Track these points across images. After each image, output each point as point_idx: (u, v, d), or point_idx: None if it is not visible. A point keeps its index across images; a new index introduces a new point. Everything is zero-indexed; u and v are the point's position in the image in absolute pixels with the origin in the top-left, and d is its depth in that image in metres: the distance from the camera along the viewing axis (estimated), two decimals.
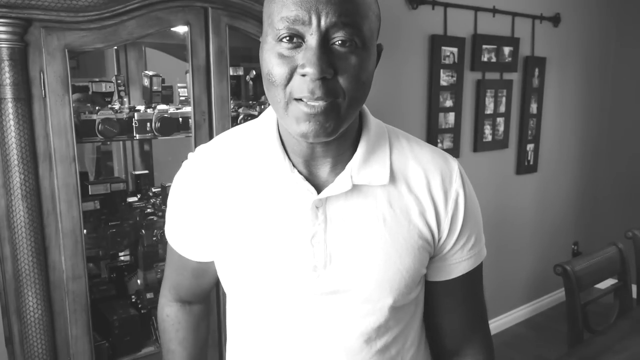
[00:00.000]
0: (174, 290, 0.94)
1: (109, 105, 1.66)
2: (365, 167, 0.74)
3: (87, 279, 1.44)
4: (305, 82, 0.62)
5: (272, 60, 0.64)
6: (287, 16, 0.62)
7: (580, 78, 3.51)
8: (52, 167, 1.35)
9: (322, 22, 0.61)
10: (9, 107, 1.26)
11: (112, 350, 1.57)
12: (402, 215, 0.75)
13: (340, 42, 0.62)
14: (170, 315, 0.95)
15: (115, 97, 1.74)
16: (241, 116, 1.84)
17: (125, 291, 1.80)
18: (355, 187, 0.73)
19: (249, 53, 2.24)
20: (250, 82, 2.03)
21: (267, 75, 0.65)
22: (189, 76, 1.56)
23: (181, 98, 1.89)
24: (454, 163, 0.80)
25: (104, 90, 1.67)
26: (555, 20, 3.22)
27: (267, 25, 0.66)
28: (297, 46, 0.63)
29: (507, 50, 2.98)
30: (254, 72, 2.01)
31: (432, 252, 0.79)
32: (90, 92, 1.65)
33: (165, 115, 1.64)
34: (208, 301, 1.00)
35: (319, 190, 0.73)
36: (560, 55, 3.33)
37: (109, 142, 1.91)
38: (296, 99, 0.63)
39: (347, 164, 0.74)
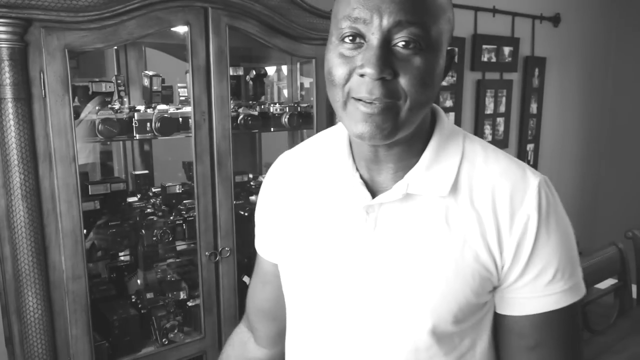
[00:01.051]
0: (249, 308, 0.96)
1: (109, 105, 1.66)
2: (426, 176, 0.69)
3: (87, 279, 1.44)
4: (364, 82, 0.61)
5: (334, 60, 0.64)
6: (350, 15, 0.61)
7: (580, 78, 3.51)
8: (52, 167, 1.35)
9: (384, 22, 0.59)
10: (9, 107, 1.26)
11: (112, 350, 1.57)
12: (457, 233, 0.68)
13: (403, 43, 0.60)
14: (235, 333, 1.00)
15: (115, 97, 1.74)
16: (241, 116, 1.84)
17: (125, 291, 1.80)
18: (411, 196, 0.70)
19: (249, 53, 2.24)
20: (250, 82, 2.03)
21: (327, 75, 0.65)
22: (189, 76, 1.56)
23: (181, 98, 1.89)
24: (534, 180, 0.69)
25: (104, 90, 1.66)
26: (555, 20, 3.22)
27: (332, 25, 0.66)
28: (359, 46, 0.62)
29: (507, 50, 2.98)
30: (254, 72, 2.01)
31: (496, 280, 0.70)
32: (90, 92, 1.65)
33: (165, 115, 1.64)
34: (272, 349, 0.95)
35: (376, 195, 0.72)
36: (560, 55, 3.33)
37: (109, 142, 1.91)
38: (354, 98, 0.62)
39: (409, 171, 0.70)
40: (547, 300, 0.69)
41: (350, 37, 0.62)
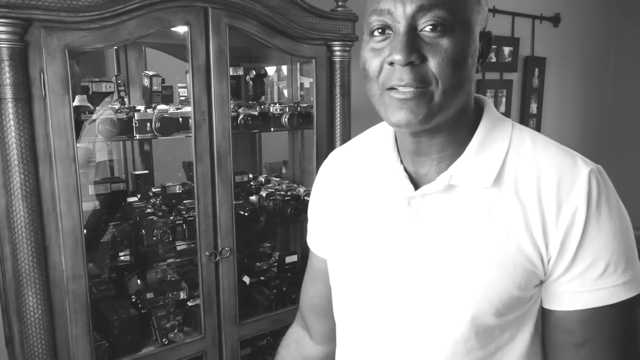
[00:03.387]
0: (302, 305, 0.98)
1: (109, 105, 1.66)
2: (470, 166, 0.69)
3: (87, 279, 1.44)
4: (394, 70, 0.62)
5: (366, 55, 0.66)
6: (376, 9, 0.63)
7: (580, 78, 3.51)
8: (52, 167, 1.35)
9: (408, 9, 0.61)
10: (9, 107, 1.26)
11: (112, 350, 1.57)
12: (500, 225, 0.67)
13: (430, 26, 0.61)
14: (289, 334, 1.01)
15: (115, 97, 1.74)
16: (241, 116, 1.84)
17: (125, 291, 1.80)
18: (454, 187, 0.70)
19: (249, 53, 2.24)
20: (250, 82, 2.03)
21: (362, 70, 0.67)
22: (189, 76, 1.56)
23: (181, 98, 1.88)
24: (584, 169, 0.66)
25: (104, 90, 1.66)
26: (555, 20, 3.22)
27: (364, 22, 0.68)
28: (388, 37, 0.64)
29: (507, 50, 2.98)
30: (254, 72, 2.01)
31: (542, 274, 0.68)
32: (90, 92, 1.65)
33: (165, 115, 1.64)
34: (328, 346, 0.96)
35: (419, 187, 0.73)
36: (560, 55, 3.33)
37: (109, 142, 1.91)
38: (388, 89, 0.64)
39: (453, 162, 0.71)
40: (597, 295, 0.66)
41: (379, 30, 0.64)
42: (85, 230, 1.43)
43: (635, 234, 0.72)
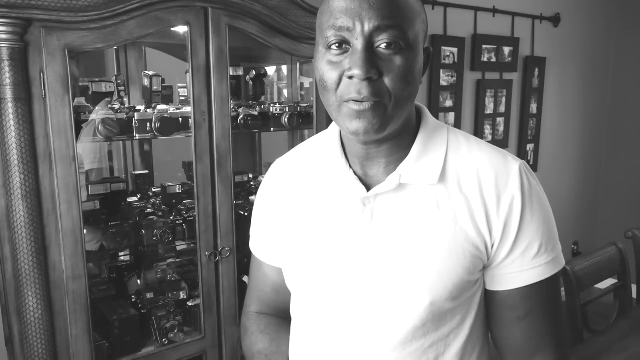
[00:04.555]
0: (256, 303, 0.98)
1: (109, 105, 1.66)
2: (416, 167, 0.76)
3: (87, 279, 1.44)
4: (352, 84, 0.67)
5: (324, 67, 0.70)
6: (334, 24, 0.68)
7: (580, 78, 3.51)
8: (52, 167, 1.35)
9: (366, 27, 0.66)
10: (9, 107, 1.26)
11: (112, 350, 1.57)
12: (448, 217, 0.74)
13: (385, 44, 0.67)
14: (249, 324, 0.97)
15: (115, 97, 1.74)
16: (241, 116, 1.84)
17: (125, 291, 1.80)
18: (404, 186, 0.76)
19: (249, 53, 2.24)
20: (250, 82, 2.03)
21: (320, 81, 0.71)
22: (189, 76, 1.56)
23: (181, 98, 1.89)
24: (514, 164, 0.76)
25: (104, 90, 1.66)
26: (555, 20, 3.22)
27: (318, 35, 0.72)
28: (345, 52, 0.68)
29: (507, 50, 2.98)
30: (254, 72, 2.01)
31: (485, 259, 0.76)
32: (90, 92, 1.65)
33: (165, 115, 1.64)
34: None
35: (370, 188, 0.78)
36: (560, 55, 3.33)
37: (109, 142, 1.91)
38: (346, 100, 0.69)
39: (399, 164, 0.77)
40: (534, 272, 0.76)
41: (337, 44, 0.68)
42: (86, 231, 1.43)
43: None
